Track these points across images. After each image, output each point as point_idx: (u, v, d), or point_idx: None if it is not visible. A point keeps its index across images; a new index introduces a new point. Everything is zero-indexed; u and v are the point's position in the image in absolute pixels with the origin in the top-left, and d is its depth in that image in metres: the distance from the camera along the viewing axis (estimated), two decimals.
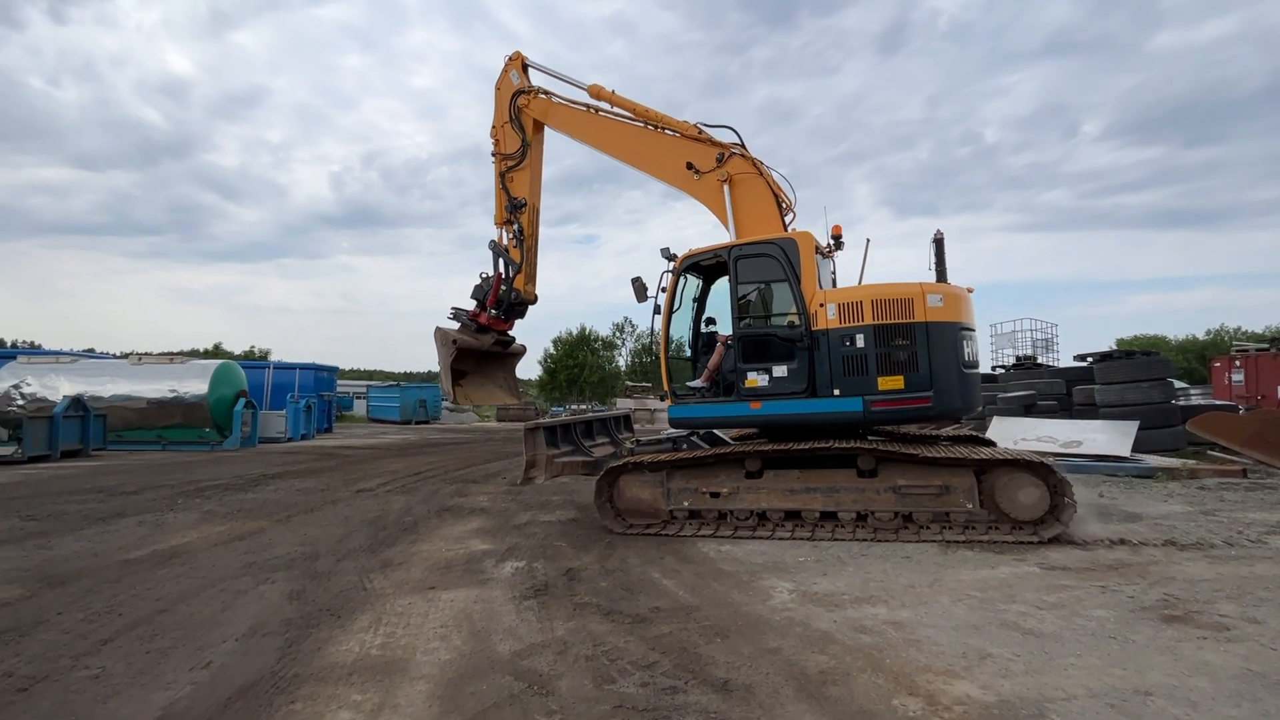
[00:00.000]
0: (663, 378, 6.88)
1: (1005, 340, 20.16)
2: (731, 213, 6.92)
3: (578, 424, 7.89)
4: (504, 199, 8.38)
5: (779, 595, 4.39)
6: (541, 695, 3.00)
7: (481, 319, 8.24)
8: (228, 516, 7.60)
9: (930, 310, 5.87)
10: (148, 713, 2.87)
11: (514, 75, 8.43)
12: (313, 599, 4.47)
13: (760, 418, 6.40)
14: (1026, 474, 5.51)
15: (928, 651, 3.41)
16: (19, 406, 16.27)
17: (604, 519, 6.52)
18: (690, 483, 6.29)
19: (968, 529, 5.61)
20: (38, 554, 5.79)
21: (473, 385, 8.40)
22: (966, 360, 6.04)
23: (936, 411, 5.89)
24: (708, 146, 7.15)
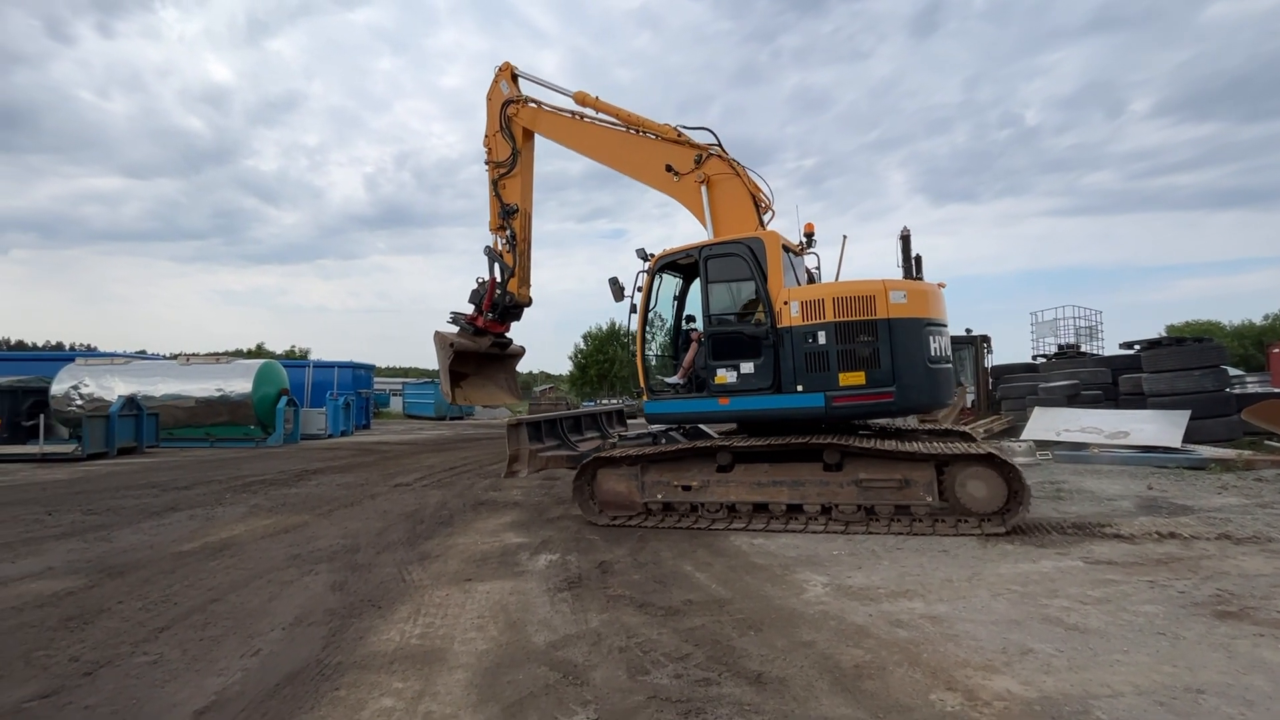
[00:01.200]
0: (639, 374, 7.01)
1: (1046, 329, 19.54)
2: (709, 212, 7.03)
3: (564, 419, 8.12)
4: (497, 205, 8.59)
5: (813, 589, 4.36)
6: (576, 685, 3.04)
7: (479, 322, 8.46)
8: (273, 510, 7.86)
9: (893, 307, 5.92)
10: (202, 697, 3.00)
11: (504, 85, 8.61)
12: (354, 590, 4.61)
13: (728, 413, 6.55)
14: (983, 468, 5.59)
15: (966, 646, 3.35)
16: (78, 406, 17.07)
17: (582, 511, 6.70)
18: (664, 476, 6.45)
19: (935, 521, 5.68)
20: (98, 546, 6.09)
21: (473, 386, 8.62)
22: (933, 356, 6.06)
23: (899, 407, 5.94)
24: (686, 149, 7.26)
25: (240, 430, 18.00)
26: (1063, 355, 17.15)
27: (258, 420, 17.96)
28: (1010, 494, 5.56)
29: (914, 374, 5.92)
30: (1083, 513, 6.54)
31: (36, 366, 20.38)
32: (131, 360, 19.73)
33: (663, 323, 7.61)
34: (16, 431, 16.27)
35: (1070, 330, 18.98)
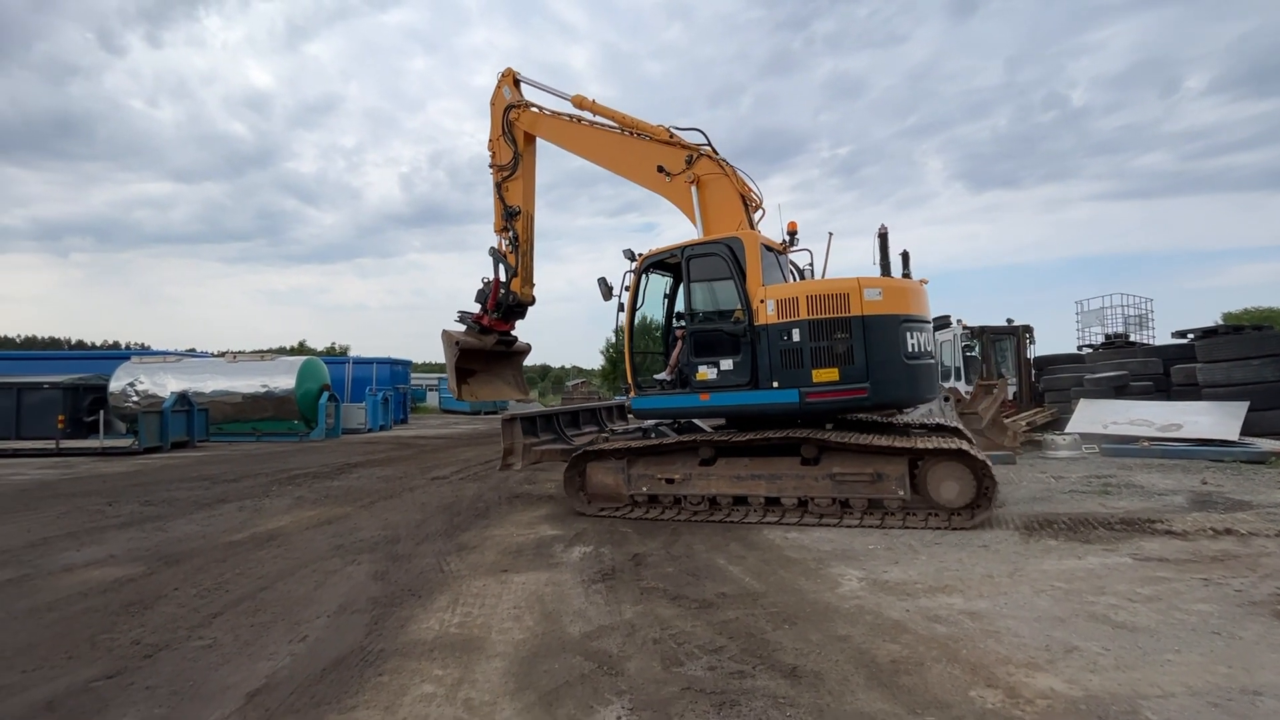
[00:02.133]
0: (627, 371, 7.17)
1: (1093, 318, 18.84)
2: (699, 212, 7.14)
3: (561, 414, 8.44)
4: (501, 208, 8.76)
5: (848, 583, 4.32)
6: (611, 675, 3.08)
7: (484, 321, 8.64)
8: (317, 502, 8.12)
9: (868, 304, 5.98)
10: (254, 680, 3.12)
11: (506, 91, 8.80)
12: (395, 579, 4.73)
13: (708, 408, 6.70)
14: (953, 463, 5.67)
15: (1007, 643, 3.28)
16: (134, 402, 17.86)
17: (572, 501, 7.01)
18: (649, 469, 6.67)
19: (906, 515, 5.79)
20: (155, 535, 6.38)
21: (480, 383, 8.85)
22: (911, 352, 6.11)
23: (873, 402, 5.99)
24: (677, 150, 7.35)
25: (284, 425, 18.59)
26: (1110, 345, 16.54)
27: (301, 415, 18.52)
28: (980, 490, 5.63)
29: (889, 370, 5.98)
30: (1131, 508, 6.32)
31: (95, 365, 21.37)
32: (183, 358, 20.53)
33: (653, 321, 7.75)
34: (78, 426, 17.10)
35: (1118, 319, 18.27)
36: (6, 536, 6.42)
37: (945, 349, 16.25)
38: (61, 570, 5.16)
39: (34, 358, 26.88)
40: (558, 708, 2.79)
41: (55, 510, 7.84)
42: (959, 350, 15.54)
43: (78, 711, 2.86)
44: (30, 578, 4.96)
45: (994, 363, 15.34)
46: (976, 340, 15.35)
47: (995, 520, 6.01)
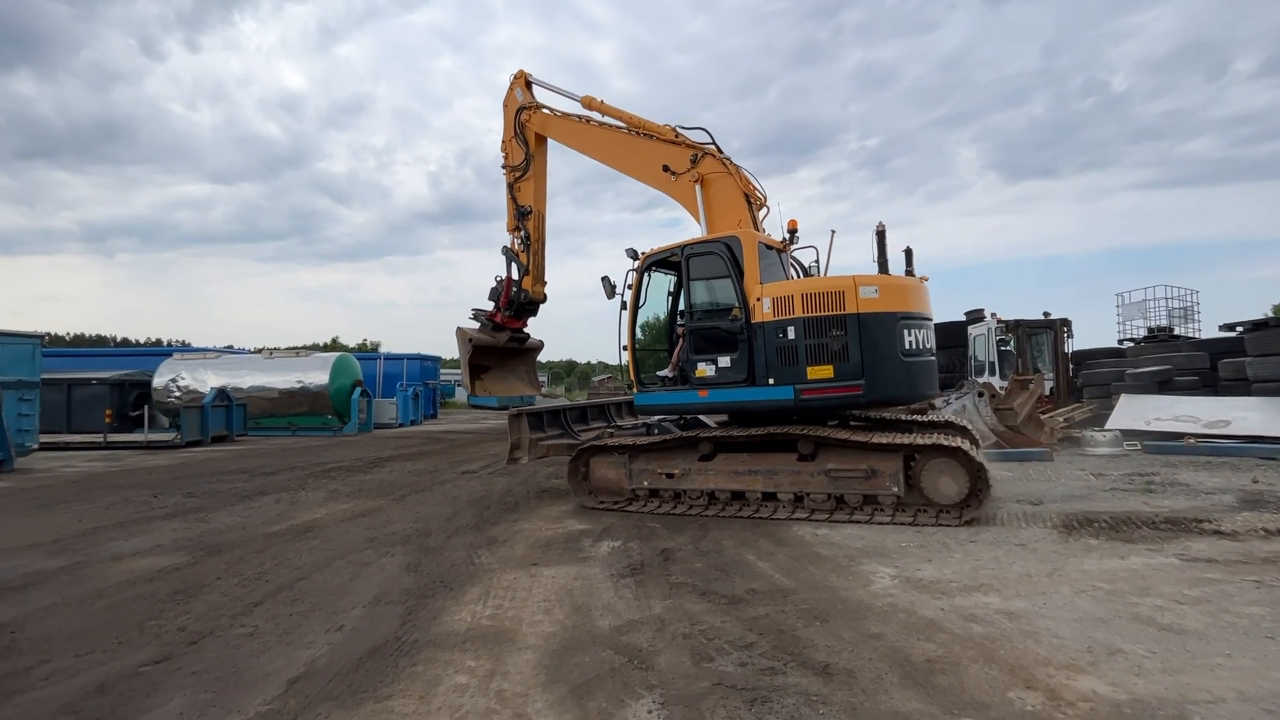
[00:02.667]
0: (630, 368, 7.26)
1: (1134, 310, 18.24)
2: (703, 210, 7.19)
3: (568, 410, 8.63)
4: (513, 207, 8.87)
5: (880, 580, 4.26)
6: (642, 670, 3.08)
7: (497, 318, 8.79)
8: (350, 495, 8.29)
9: (864, 302, 5.98)
10: (294, 667, 3.21)
11: (518, 93, 8.89)
12: (427, 572, 4.81)
13: (706, 404, 6.76)
14: (947, 460, 5.68)
15: (1047, 644, 3.20)
16: (176, 398, 18.45)
17: (576, 495, 7.20)
18: (650, 464, 6.79)
19: (897, 511, 5.82)
20: (198, 526, 6.58)
21: (493, 379, 8.97)
22: (908, 349, 6.10)
23: (868, 399, 6.01)
24: (682, 149, 7.40)
25: (319, 419, 19.03)
26: (1153, 339, 16.01)
27: (334, 410, 18.93)
28: (973, 487, 5.63)
29: (885, 367, 5.97)
30: (1177, 507, 6.11)
31: (139, 361, 22.12)
32: (221, 355, 21.13)
33: (658, 318, 7.82)
34: (125, 421, 17.74)
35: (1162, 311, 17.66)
36: (60, 526, 6.69)
37: (979, 343, 15.90)
38: (111, 559, 5.35)
39: (82, 354, 27.93)
40: (589, 701, 2.80)
41: (104, 501, 8.14)
42: (993, 345, 15.19)
43: (128, 695, 2.96)
44: (82, 565, 5.16)
45: (1030, 357, 14.96)
46: (1011, 334, 14.98)
47: (1032, 518, 5.87)
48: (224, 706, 2.83)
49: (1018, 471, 8.73)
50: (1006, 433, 10.40)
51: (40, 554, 5.54)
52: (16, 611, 4.10)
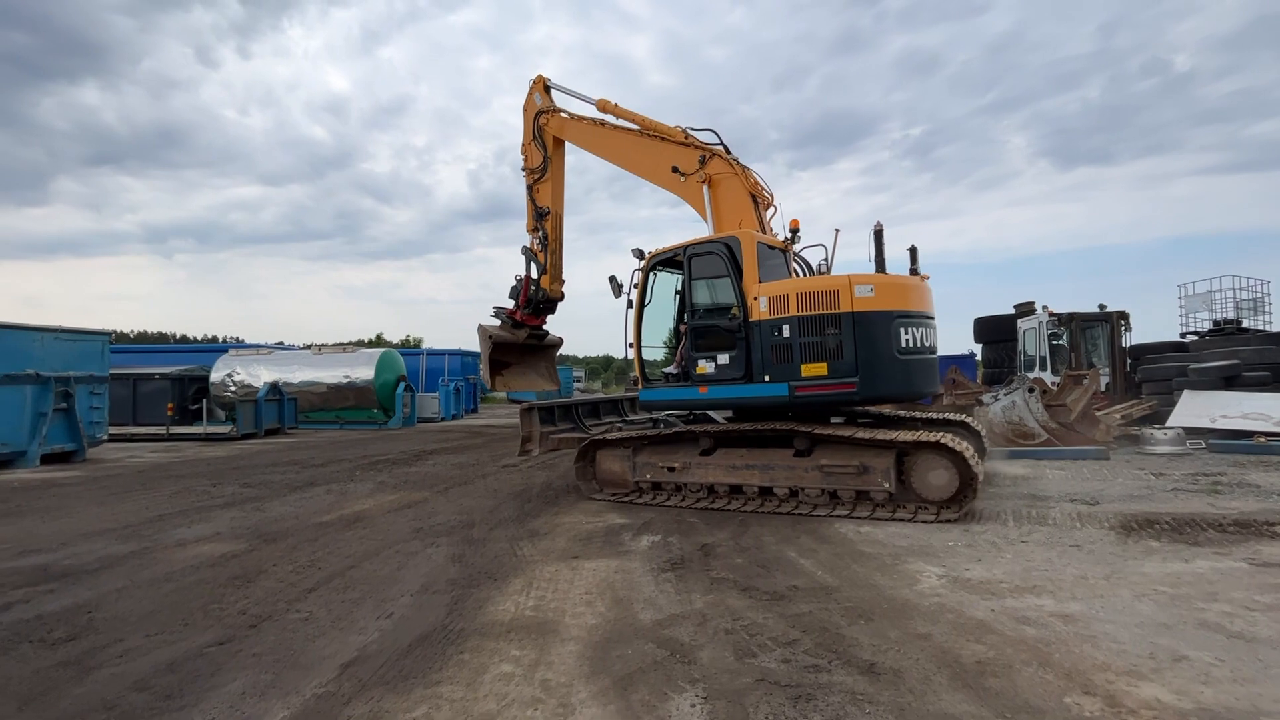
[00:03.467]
0: (636, 365, 7.41)
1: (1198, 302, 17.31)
2: (710, 210, 7.33)
3: (580, 405, 8.95)
4: (532, 209, 9.08)
5: (927, 580, 4.17)
6: (684, 664, 3.09)
7: (517, 316, 8.98)
8: (397, 487, 8.52)
9: (859, 300, 6.03)
10: (347, 652, 3.32)
11: (537, 97, 9.08)
12: (471, 563, 4.92)
13: (706, 400, 6.89)
14: (937, 456, 5.70)
15: (1106, 649, 3.08)
16: (232, 392, 19.24)
17: (583, 486, 7.49)
18: (653, 458, 7.02)
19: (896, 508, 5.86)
20: (254, 515, 6.86)
21: (513, 374, 9.22)
22: (904, 347, 6.15)
23: (861, 396, 6.07)
24: (691, 150, 7.53)
25: (365, 413, 19.59)
26: (1219, 332, 15.17)
27: (379, 404, 19.47)
28: (963, 483, 5.65)
29: (880, 365, 6.01)
30: (1246, 509, 5.80)
31: (197, 357, 23.15)
32: (273, 351, 21.93)
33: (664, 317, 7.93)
34: (184, 414, 18.59)
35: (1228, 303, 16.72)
36: (130, 513, 7.06)
37: (1029, 337, 15.36)
38: (175, 545, 5.63)
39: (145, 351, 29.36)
40: (632, 693, 2.82)
41: (168, 490, 8.56)
42: (1044, 339, 14.64)
43: (195, 674, 3.11)
44: (150, 551, 5.44)
45: (1084, 352, 14.38)
46: (1064, 328, 14.42)
47: (1087, 519, 5.66)
48: (282, 687, 2.95)
49: (1071, 470, 8.42)
50: (1059, 430, 10.03)
51: (112, 539, 5.86)
52: (92, 593, 4.35)
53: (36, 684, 3.04)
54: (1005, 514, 5.98)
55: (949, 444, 5.56)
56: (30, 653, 3.39)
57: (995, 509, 6.20)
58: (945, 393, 12.51)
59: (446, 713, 2.70)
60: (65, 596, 4.28)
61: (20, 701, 2.88)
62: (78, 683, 3.05)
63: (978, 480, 5.56)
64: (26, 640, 3.56)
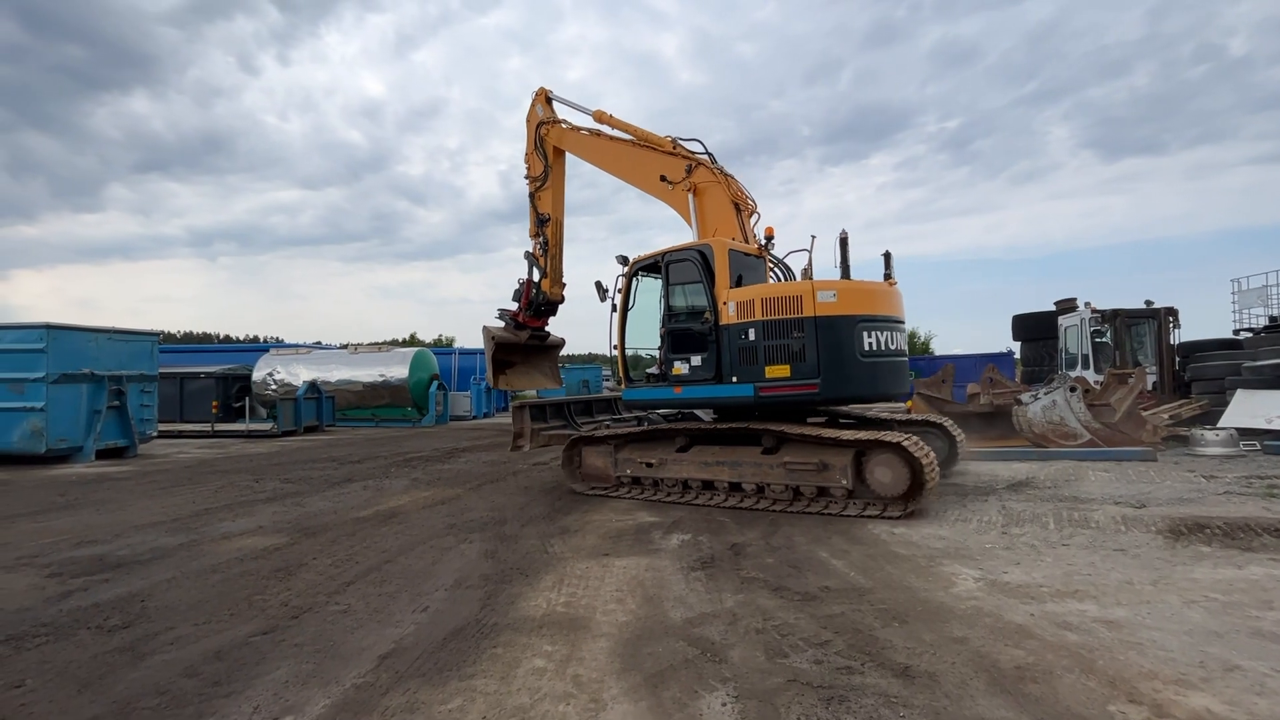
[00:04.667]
0: (619, 366, 7.75)
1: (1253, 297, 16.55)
2: (695, 217, 7.66)
3: (573, 403, 9.37)
4: (534, 215, 9.41)
5: (963, 583, 4.09)
6: (715, 662, 3.09)
7: (519, 318, 9.31)
8: (431, 484, 8.68)
9: (821, 305, 6.27)
10: (384, 644, 3.40)
11: (539, 109, 9.41)
12: (504, 559, 4.99)
13: (680, 400, 7.24)
14: (890, 455, 5.87)
15: (1152, 656, 2.98)
16: (273, 390, 19.82)
17: (569, 481, 7.85)
18: (633, 454, 7.34)
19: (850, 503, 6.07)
20: (295, 510, 7.07)
21: (517, 374, 9.57)
22: (867, 350, 6.37)
23: (823, 397, 6.31)
24: (679, 160, 7.87)
25: (399, 411, 19.99)
26: (1275, 329, 14.50)
27: (413, 402, 19.84)
28: (914, 482, 5.76)
29: (842, 367, 6.24)
30: None
31: (240, 356, 23.90)
32: (312, 350, 22.52)
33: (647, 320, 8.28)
34: (228, 411, 19.22)
35: None
36: (178, 507, 7.34)
37: (1070, 334, 14.90)
38: (221, 538, 5.83)
39: (190, 350, 30.42)
40: (663, 690, 2.84)
41: (214, 485, 8.87)
42: (1087, 336, 14.18)
43: (241, 662, 3.23)
44: (197, 543, 5.65)
45: (1129, 350, 13.88)
46: (1108, 325, 13.94)
47: (1133, 522, 5.48)
48: (323, 677, 3.04)
49: (1116, 472, 8.15)
50: (1103, 430, 9.72)
51: (162, 531, 6.10)
52: (145, 583, 4.53)
53: (94, 668, 3.19)
54: (1045, 516, 5.82)
55: (901, 444, 5.72)
56: (88, 639, 3.56)
57: (1035, 511, 6.04)
58: (982, 391, 12.22)
59: (480, 705, 2.75)
60: (120, 585, 4.48)
61: (80, 685, 3.02)
62: (132, 668, 3.19)
63: (928, 480, 5.68)
64: (85, 626, 3.73)
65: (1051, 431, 9.79)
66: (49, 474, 10.20)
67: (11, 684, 3.03)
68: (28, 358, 11.08)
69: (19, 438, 11.05)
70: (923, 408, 12.07)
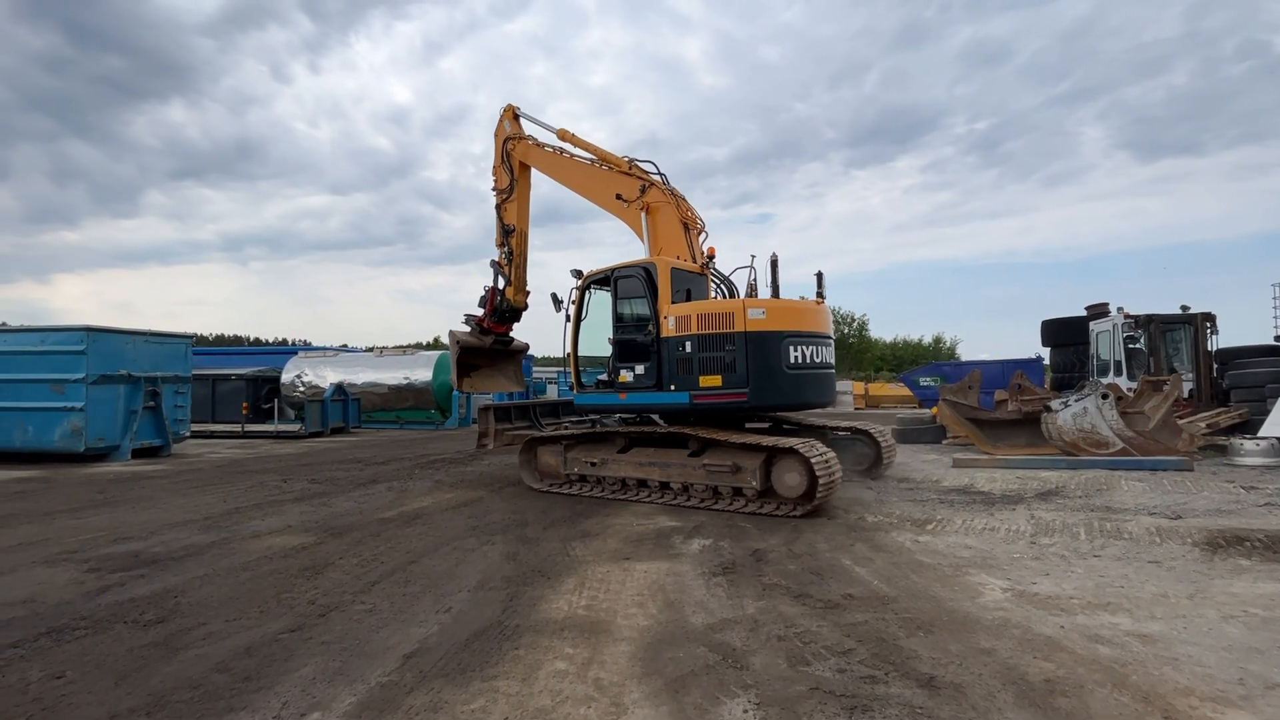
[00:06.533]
0: (572, 374, 8.28)
1: None
2: (647, 234, 8.09)
3: (538, 405, 9.89)
4: (500, 226, 9.78)
5: (990, 593, 4.02)
6: (736, 669, 3.07)
7: (484, 323, 9.66)
8: (453, 486, 8.77)
9: (751, 321, 6.77)
10: (408, 644, 3.45)
11: (507, 124, 9.76)
12: (525, 561, 5.02)
13: (625, 405, 7.79)
14: (791, 460, 6.36)
15: (1189, 672, 2.90)
16: (300, 392, 20.21)
17: (525, 478, 8.41)
18: (580, 454, 7.89)
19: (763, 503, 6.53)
20: (322, 510, 7.20)
21: (481, 376, 9.95)
22: (793, 363, 6.87)
23: (751, 405, 6.84)
24: (634, 180, 8.33)
25: (423, 414, 20.24)
26: None
27: (437, 405, 20.07)
28: (810, 484, 6.19)
29: (770, 378, 6.75)
30: None
31: (269, 359, 24.42)
32: (338, 353, 22.93)
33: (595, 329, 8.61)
34: (258, 413, 19.65)
35: None
36: (209, 505, 7.53)
37: (1102, 340, 14.56)
38: (251, 536, 5.96)
39: (221, 353, 31.17)
40: (684, 695, 2.83)
41: (244, 484, 9.07)
42: (1119, 342, 13.85)
43: (270, 658, 3.30)
44: (228, 541, 5.78)
45: (1164, 356, 13.51)
46: (1142, 331, 13.59)
47: (1168, 533, 5.33)
48: (350, 675, 3.09)
49: (1150, 482, 7.94)
50: (1136, 439, 9.47)
51: (195, 529, 6.26)
52: (178, 579, 4.66)
53: (131, 661, 3.28)
54: (1076, 526, 5.69)
55: (797, 449, 6.21)
56: (125, 633, 3.66)
57: (1065, 521, 5.91)
58: (1010, 398, 11.98)
59: (503, 706, 2.77)
60: (154, 581, 4.61)
61: (117, 677, 3.11)
62: (166, 662, 3.27)
63: (820, 482, 6.08)
64: (121, 621, 3.84)
65: (1082, 439, 9.57)
66: (87, 472, 10.53)
67: (53, 674, 3.14)
68: (68, 359, 11.46)
69: (59, 436, 11.43)
70: (948, 415, 11.88)
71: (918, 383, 26.24)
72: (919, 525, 5.92)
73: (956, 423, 11.73)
